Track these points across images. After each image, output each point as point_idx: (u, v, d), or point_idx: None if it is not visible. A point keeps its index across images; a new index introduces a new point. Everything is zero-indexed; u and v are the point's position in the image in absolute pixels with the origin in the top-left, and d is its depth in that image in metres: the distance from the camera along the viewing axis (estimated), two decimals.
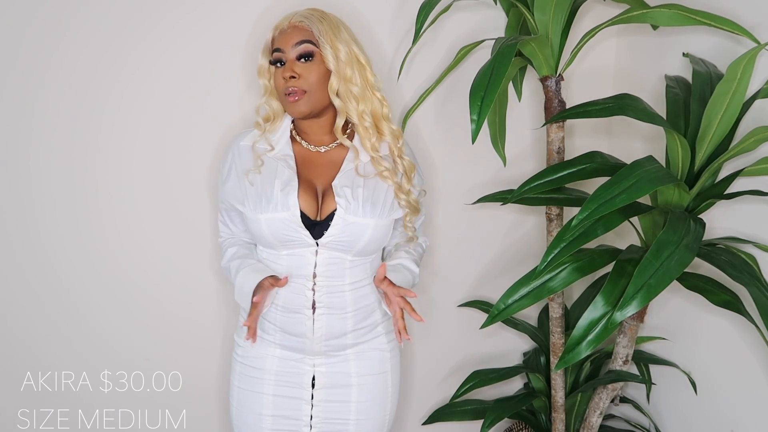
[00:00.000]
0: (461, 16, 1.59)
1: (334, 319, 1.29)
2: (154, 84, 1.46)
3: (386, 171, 1.28)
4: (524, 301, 1.26)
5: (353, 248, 1.27)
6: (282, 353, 1.34)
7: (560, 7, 1.32)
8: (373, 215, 1.25)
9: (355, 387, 1.35)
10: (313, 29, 1.23)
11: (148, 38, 1.43)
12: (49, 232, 1.50)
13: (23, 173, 1.45)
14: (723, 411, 1.48)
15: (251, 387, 1.35)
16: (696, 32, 1.47)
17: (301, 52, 1.22)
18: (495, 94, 1.14)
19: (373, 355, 1.37)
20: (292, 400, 1.34)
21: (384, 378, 1.38)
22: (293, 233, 1.24)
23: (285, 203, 1.23)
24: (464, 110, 1.32)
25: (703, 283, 1.30)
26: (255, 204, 1.25)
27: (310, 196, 1.26)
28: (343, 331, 1.31)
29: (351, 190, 1.25)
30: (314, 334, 1.29)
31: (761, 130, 1.20)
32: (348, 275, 1.29)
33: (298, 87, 1.22)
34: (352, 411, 1.35)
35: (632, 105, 1.21)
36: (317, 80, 1.23)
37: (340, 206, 1.24)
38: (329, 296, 1.28)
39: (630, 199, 1.06)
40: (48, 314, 1.55)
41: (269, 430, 1.35)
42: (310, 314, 1.28)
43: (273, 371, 1.34)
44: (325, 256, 1.27)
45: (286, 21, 1.26)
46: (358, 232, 1.25)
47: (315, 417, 1.34)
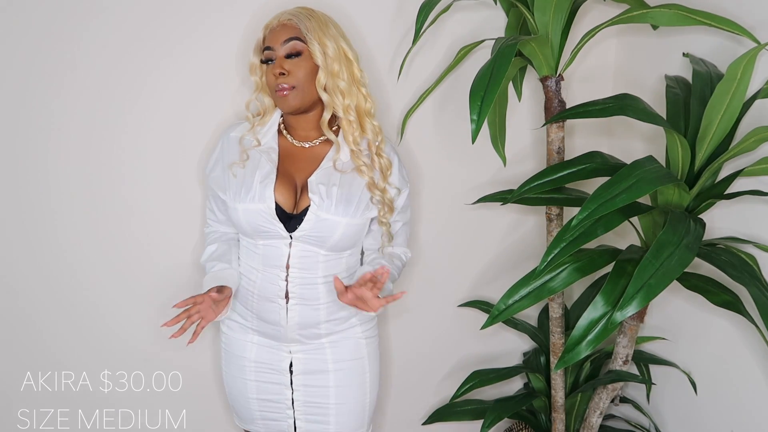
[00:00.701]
0: (461, 16, 1.59)
1: (307, 309, 1.33)
2: (164, 86, 1.46)
3: (364, 166, 1.31)
4: (524, 301, 1.26)
5: (326, 243, 1.30)
6: (260, 340, 1.39)
7: (560, 7, 1.32)
8: (345, 214, 1.28)
9: (332, 373, 1.39)
10: (300, 26, 1.26)
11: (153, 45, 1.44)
12: (50, 233, 1.50)
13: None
14: (723, 411, 1.48)
15: (236, 372, 1.43)
16: (696, 32, 1.47)
17: (289, 50, 1.25)
18: (495, 94, 1.14)
19: (348, 343, 1.40)
20: (273, 385, 1.40)
21: (361, 363, 1.42)
22: (268, 225, 1.28)
23: (262, 195, 1.27)
24: (464, 110, 1.32)
25: (703, 283, 1.30)
26: (235, 193, 1.29)
27: (288, 189, 1.30)
28: (316, 322, 1.35)
29: (326, 188, 1.29)
30: (287, 323, 1.34)
31: (761, 130, 1.20)
32: (321, 269, 1.32)
33: (288, 83, 1.25)
34: (331, 395, 1.40)
35: (632, 105, 1.21)
36: (305, 76, 1.26)
37: (313, 202, 1.27)
38: (302, 288, 1.32)
39: (630, 199, 1.06)
40: (48, 314, 1.55)
41: (257, 410, 1.43)
42: (283, 304, 1.32)
43: (252, 358, 1.40)
44: (298, 249, 1.30)
45: (276, 20, 1.29)
46: (330, 229, 1.28)
47: (296, 401, 1.40)
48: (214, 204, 1.41)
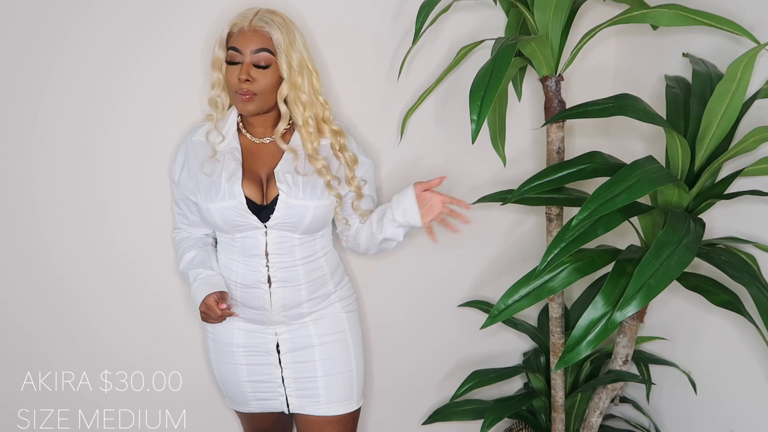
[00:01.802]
0: (461, 16, 1.59)
1: (289, 291, 1.40)
2: (151, 79, 1.47)
3: (323, 168, 1.36)
4: (524, 301, 1.26)
5: (299, 227, 1.36)
6: (246, 326, 1.45)
7: (560, 7, 1.32)
8: (313, 197, 1.35)
9: (317, 347, 1.46)
10: (273, 36, 1.27)
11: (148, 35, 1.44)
12: (50, 233, 1.50)
13: (25, 174, 1.46)
14: (723, 411, 1.48)
15: (226, 359, 1.48)
16: (696, 32, 1.47)
17: (259, 60, 1.27)
18: (495, 94, 1.14)
19: (329, 318, 1.48)
20: (263, 366, 1.46)
21: (344, 336, 1.49)
22: (241, 219, 1.34)
23: (231, 192, 1.32)
24: (464, 110, 1.32)
25: (703, 283, 1.30)
26: (205, 194, 1.34)
27: (254, 183, 1.35)
28: (298, 302, 1.42)
29: (292, 176, 1.34)
30: (272, 306, 1.40)
31: (761, 130, 1.20)
32: (298, 251, 1.39)
33: (251, 90, 1.28)
34: (318, 368, 1.46)
35: (632, 105, 1.21)
36: (268, 85, 1.30)
37: (281, 191, 1.33)
38: (282, 271, 1.39)
39: (630, 199, 1.06)
40: (48, 314, 1.55)
41: (250, 392, 1.49)
42: (266, 288, 1.39)
43: (241, 344, 1.46)
44: (274, 236, 1.36)
45: (246, 21, 1.28)
46: (301, 213, 1.34)
47: (286, 378, 1.46)
48: (185, 208, 1.45)
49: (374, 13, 1.54)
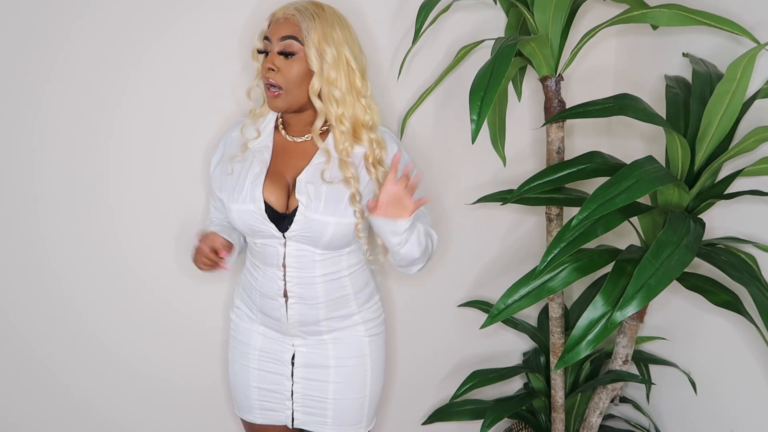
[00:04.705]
0: (461, 16, 1.59)
1: (306, 308, 1.33)
2: (153, 80, 1.46)
3: (351, 178, 1.26)
4: (524, 301, 1.26)
5: (318, 243, 1.28)
6: (265, 331, 1.41)
7: (560, 7, 1.32)
8: (334, 213, 1.24)
9: (332, 368, 1.39)
10: (302, 26, 1.20)
11: (148, 36, 1.43)
12: (50, 233, 1.50)
13: (26, 174, 1.46)
14: (723, 411, 1.48)
15: (241, 359, 1.44)
16: (696, 32, 1.47)
17: (283, 48, 1.21)
18: (495, 94, 1.14)
19: (350, 341, 1.40)
20: (274, 375, 1.41)
21: (362, 361, 1.41)
22: (260, 225, 1.28)
23: (252, 196, 1.27)
24: (464, 110, 1.32)
25: (703, 283, 1.30)
26: (229, 193, 1.30)
27: (279, 189, 1.28)
28: (316, 320, 1.35)
29: (314, 187, 1.25)
30: (288, 320, 1.34)
31: (761, 130, 1.20)
32: (318, 267, 1.31)
33: (275, 81, 1.22)
34: (329, 390, 1.40)
35: (632, 105, 1.22)
36: (295, 78, 1.22)
37: (301, 203, 1.25)
38: (300, 287, 1.31)
39: (630, 199, 1.06)
40: (48, 314, 1.55)
41: (256, 399, 1.44)
42: (283, 302, 1.33)
43: (258, 347, 1.42)
44: (293, 248, 1.29)
45: (282, 10, 1.25)
46: (320, 229, 1.25)
47: (295, 392, 1.41)
48: (218, 201, 1.41)
49: (374, 13, 1.54)
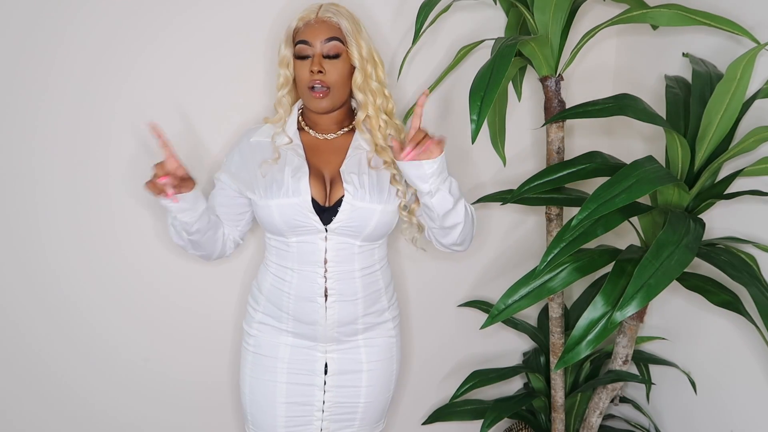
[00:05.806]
0: (461, 16, 1.59)
1: (346, 305, 1.32)
2: (153, 80, 1.47)
3: (391, 161, 1.30)
4: (524, 301, 1.26)
5: (361, 233, 1.29)
6: (294, 341, 1.36)
7: (560, 7, 1.32)
8: (380, 200, 1.28)
9: (365, 372, 1.39)
10: (341, 26, 1.25)
11: (148, 35, 1.44)
12: (50, 233, 1.50)
13: (26, 174, 1.46)
14: (723, 411, 1.48)
15: (264, 376, 1.38)
16: (696, 32, 1.47)
17: (330, 50, 1.25)
18: (495, 94, 1.14)
19: (381, 341, 1.40)
20: (305, 387, 1.37)
21: (390, 362, 1.43)
22: (303, 219, 1.26)
23: (296, 189, 1.25)
24: (464, 110, 1.32)
25: (703, 283, 1.30)
26: (265, 190, 1.27)
27: (318, 182, 1.29)
28: (354, 317, 1.34)
29: (358, 177, 1.28)
30: (327, 321, 1.32)
31: (761, 130, 1.20)
32: (357, 260, 1.32)
33: (324, 82, 1.24)
34: (361, 395, 1.40)
35: (632, 105, 1.22)
36: (340, 77, 1.26)
37: (348, 192, 1.26)
38: (340, 282, 1.31)
39: (630, 199, 1.06)
40: (48, 314, 1.55)
41: (283, 416, 1.37)
42: (322, 302, 1.31)
43: (286, 359, 1.36)
44: (334, 242, 1.29)
45: (313, 14, 1.27)
46: (366, 217, 1.27)
47: (327, 402, 1.38)
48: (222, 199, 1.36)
49: (374, 13, 1.54)
